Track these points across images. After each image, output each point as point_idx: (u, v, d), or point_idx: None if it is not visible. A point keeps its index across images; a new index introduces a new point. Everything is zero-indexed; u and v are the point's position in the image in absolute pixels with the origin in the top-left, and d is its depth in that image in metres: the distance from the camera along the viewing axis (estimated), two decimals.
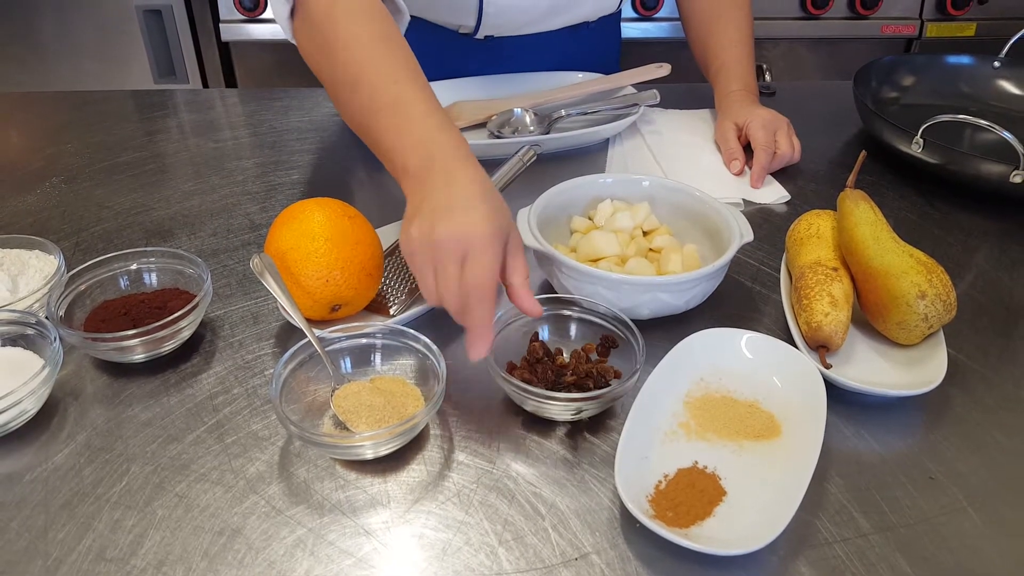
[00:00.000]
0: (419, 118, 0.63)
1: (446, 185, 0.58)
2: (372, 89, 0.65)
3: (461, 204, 0.57)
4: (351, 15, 0.69)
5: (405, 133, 0.63)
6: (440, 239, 0.55)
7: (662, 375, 0.61)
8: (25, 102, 1.15)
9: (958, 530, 0.53)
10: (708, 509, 0.52)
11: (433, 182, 0.59)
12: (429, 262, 0.57)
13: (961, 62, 1.12)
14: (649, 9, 1.82)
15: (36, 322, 0.63)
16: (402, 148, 0.62)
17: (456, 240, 0.55)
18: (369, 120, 0.65)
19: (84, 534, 0.52)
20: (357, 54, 0.67)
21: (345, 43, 0.68)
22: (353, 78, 0.67)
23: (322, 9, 0.70)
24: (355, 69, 0.67)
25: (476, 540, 0.52)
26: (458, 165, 0.60)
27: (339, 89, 0.69)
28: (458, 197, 0.57)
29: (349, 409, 0.58)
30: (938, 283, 0.63)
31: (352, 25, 0.68)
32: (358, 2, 0.70)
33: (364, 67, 0.66)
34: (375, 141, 0.66)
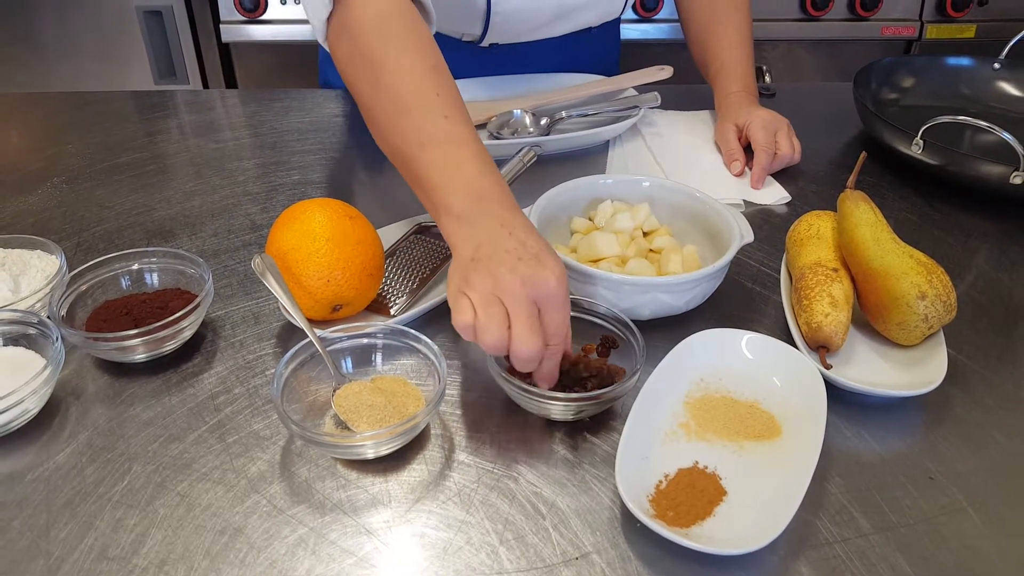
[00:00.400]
0: (469, 159, 0.62)
1: (507, 234, 0.57)
2: (419, 121, 0.63)
3: (532, 255, 0.56)
4: (402, 37, 0.67)
5: (452, 172, 0.61)
6: (519, 286, 0.55)
7: (662, 375, 0.61)
8: (26, 103, 1.15)
9: (958, 530, 0.53)
10: (708, 509, 0.53)
11: (488, 228, 0.58)
12: (502, 306, 0.55)
13: (961, 64, 1.12)
14: (649, 11, 1.82)
15: (38, 322, 0.63)
16: (447, 186, 0.61)
17: (536, 289, 0.55)
18: (413, 151, 0.63)
19: (86, 533, 0.52)
20: (407, 81, 0.65)
21: (391, 67, 0.66)
22: (399, 106, 0.65)
23: (369, 24, 0.68)
24: (403, 96, 0.65)
25: (477, 539, 0.52)
26: (511, 214, 0.59)
27: (380, 114, 0.67)
28: (525, 247, 0.57)
29: (350, 409, 0.58)
30: (938, 284, 0.64)
31: (402, 48, 0.66)
32: (408, 24, 0.68)
33: (413, 97, 0.64)
34: (416, 174, 0.64)
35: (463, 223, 0.59)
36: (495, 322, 0.55)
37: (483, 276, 0.56)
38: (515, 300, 0.55)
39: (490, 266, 0.56)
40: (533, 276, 0.55)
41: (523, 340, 0.55)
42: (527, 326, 0.55)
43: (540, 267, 0.56)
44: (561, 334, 0.57)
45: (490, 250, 0.57)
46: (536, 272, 0.55)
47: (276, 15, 1.81)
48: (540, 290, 0.55)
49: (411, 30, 0.68)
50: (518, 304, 0.55)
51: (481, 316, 0.55)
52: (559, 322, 0.56)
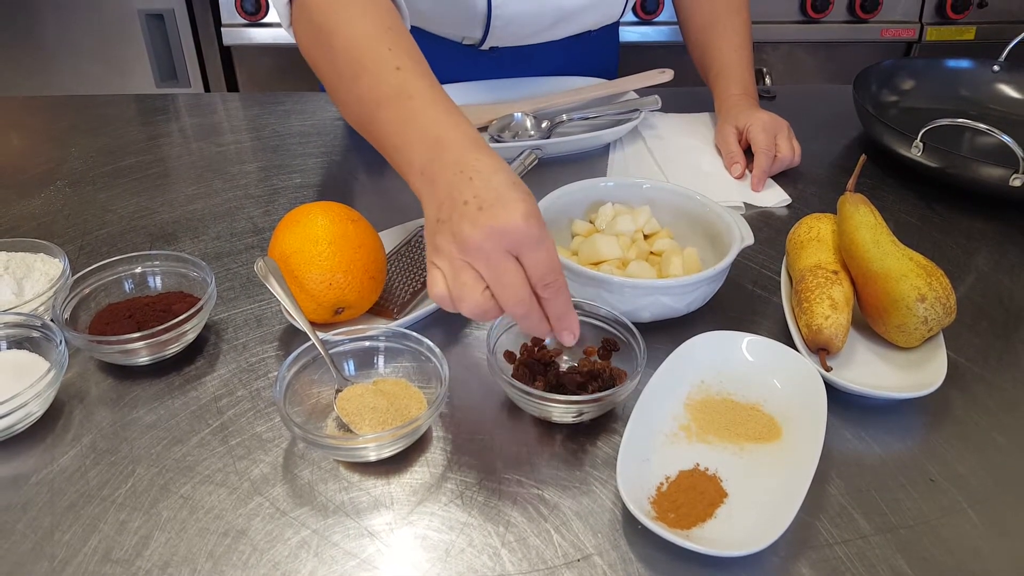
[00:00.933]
0: (422, 108, 0.58)
1: (467, 179, 0.52)
2: (373, 79, 0.60)
3: (494, 198, 0.51)
4: (351, 4, 0.65)
5: (409, 125, 0.57)
6: (483, 240, 0.50)
7: (663, 378, 0.61)
8: (29, 106, 1.15)
9: (958, 531, 0.53)
10: (709, 511, 0.53)
11: (449, 178, 0.53)
12: (472, 269, 0.51)
13: (961, 66, 1.13)
14: (649, 13, 1.82)
15: (41, 325, 0.63)
16: (407, 141, 0.57)
17: (504, 236, 0.50)
18: (370, 112, 0.60)
19: (90, 535, 0.52)
20: (356, 42, 0.62)
21: (343, 31, 0.63)
22: (353, 68, 0.62)
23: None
24: (355, 57, 0.62)
25: (479, 541, 0.52)
26: (473, 156, 0.54)
27: (338, 81, 0.64)
28: (487, 191, 0.52)
29: (352, 411, 0.59)
30: (938, 286, 0.64)
31: (352, 14, 0.64)
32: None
33: (363, 55, 0.61)
34: (378, 136, 0.61)
35: (425, 179, 0.56)
36: (468, 289, 0.51)
37: (447, 239, 0.52)
38: (484, 258, 0.51)
39: (451, 225, 0.52)
40: (498, 224, 0.50)
41: (506, 296, 0.51)
42: (506, 282, 0.51)
43: (503, 210, 0.50)
44: (548, 271, 0.52)
45: (450, 206, 0.52)
46: (500, 218, 0.50)
47: (277, 18, 1.81)
48: (510, 237, 0.50)
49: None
50: (488, 262, 0.51)
51: (452, 285, 0.52)
52: (543, 261, 0.51)
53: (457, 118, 0.58)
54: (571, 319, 0.54)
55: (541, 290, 0.52)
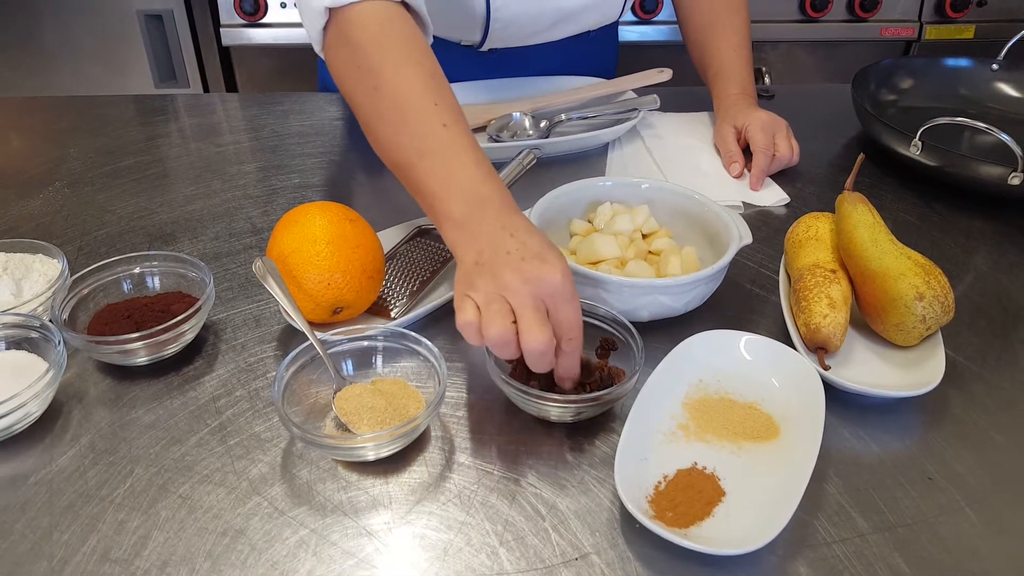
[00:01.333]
0: (468, 166, 0.62)
1: (509, 235, 0.57)
2: (418, 131, 0.64)
3: (535, 253, 0.56)
4: (399, 47, 0.67)
5: (452, 180, 0.62)
6: (522, 284, 0.55)
7: (661, 377, 0.61)
8: (28, 107, 1.16)
9: (956, 530, 0.53)
10: (707, 509, 0.53)
11: (491, 232, 0.58)
12: (506, 303, 0.55)
13: (959, 65, 1.13)
14: (648, 12, 1.82)
15: (40, 325, 0.63)
16: (447, 194, 0.61)
17: (543, 286, 0.55)
18: (412, 161, 0.64)
19: (88, 535, 0.52)
20: (405, 91, 0.65)
21: (389, 77, 0.66)
22: (397, 116, 0.65)
23: (367, 34, 0.68)
24: (401, 107, 0.65)
25: (477, 541, 0.52)
26: (513, 217, 0.59)
27: (377, 123, 0.67)
28: (528, 247, 0.57)
29: (351, 411, 0.59)
30: (936, 285, 0.64)
31: (399, 58, 0.67)
32: (405, 33, 0.68)
33: (409, 106, 0.65)
34: (416, 183, 0.64)
35: (464, 230, 0.60)
36: (499, 316, 0.54)
37: (486, 279, 0.56)
38: (520, 297, 0.55)
39: (493, 268, 0.56)
40: (537, 274, 0.55)
41: (531, 334, 0.54)
42: (533, 319, 0.54)
43: (543, 264, 0.56)
44: (574, 328, 0.56)
45: (492, 254, 0.57)
46: (540, 269, 0.55)
47: (276, 18, 1.81)
48: (545, 286, 0.55)
49: (408, 39, 0.68)
50: (523, 300, 0.55)
51: (484, 313, 0.55)
52: (570, 316, 0.56)
53: (498, 183, 0.62)
54: (576, 372, 0.59)
55: (564, 344, 0.56)
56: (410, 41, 0.68)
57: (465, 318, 0.55)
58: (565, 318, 0.56)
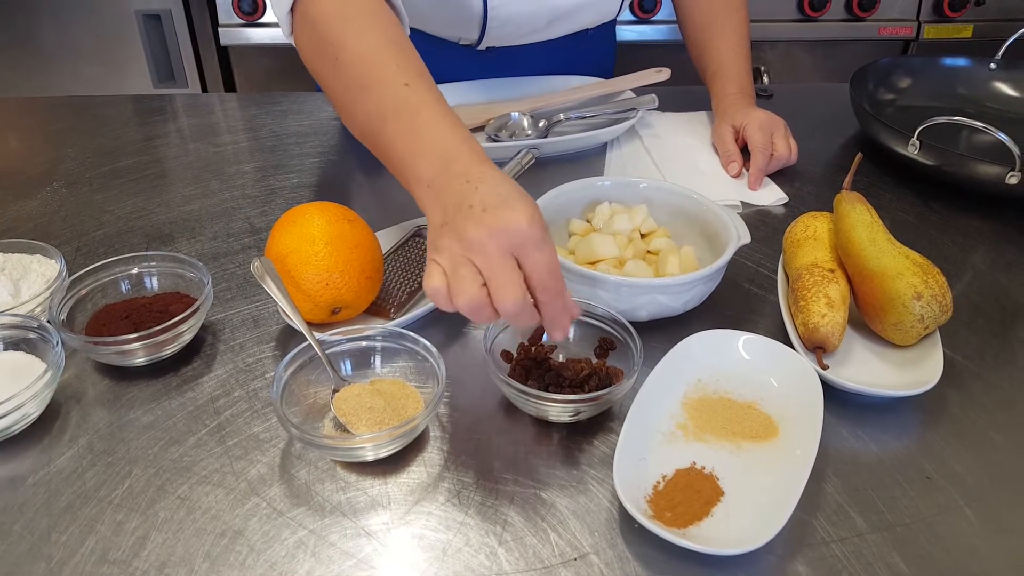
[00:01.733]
0: (433, 123, 0.59)
1: (474, 188, 0.54)
2: (380, 94, 0.62)
3: (498, 202, 0.52)
4: (357, 17, 0.66)
5: (417, 139, 0.59)
6: (486, 238, 0.51)
7: (660, 376, 0.61)
8: (26, 107, 1.15)
9: (954, 529, 0.53)
10: (706, 509, 0.53)
11: (455, 188, 0.55)
12: (472, 265, 0.52)
13: (957, 64, 1.13)
14: (647, 12, 1.82)
15: (38, 326, 0.63)
16: (414, 155, 0.59)
17: (507, 236, 0.51)
18: (377, 126, 0.62)
19: (87, 537, 0.52)
20: (364, 57, 0.64)
21: (351, 46, 0.65)
22: (359, 82, 0.63)
23: (327, 10, 0.67)
24: (361, 72, 0.63)
25: (476, 541, 0.52)
26: (480, 168, 0.56)
27: (343, 94, 0.66)
28: (492, 196, 0.53)
29: (349, 411, 0.59)
30: (934, 284, 0.64)
31: (358, 27, 0.65)
32: (368, 7, 0.67)
33: (371, 70, 0.63)
34: (384, 149, 0.62)
35: (432, 189, 0.57)
36: (466, 282, 0.51)
37: (450, 238, 0.53)
38: (485, 255, 0.51)
39: (455, 226, 0.53)
40: (501, 224, 0.51)
41: (501, 293, 0.51)
42: (503, 280, 0.51)
43: (507, 211, 0.52)
44: (547, 273, 0.52)
45: (455, 210, 0.54)
46: (503, 218, 0.51)
47: (274, 18, 1.81)
48: (511, 236, 0.51)
49: (368, 9, 0.67)
50: (488, 258, 0.51)
51: (452, 280, 0.52)
52: (542, 263, 0.52)
53: (464, 133, 0.59)
54: (564, 321, 0.55)
55: (539, 293, 0.53)
56: (370, 10, 0.67)
57: (432, 284, 0.53)
58: (537, 267, 0.52)
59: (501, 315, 0.52)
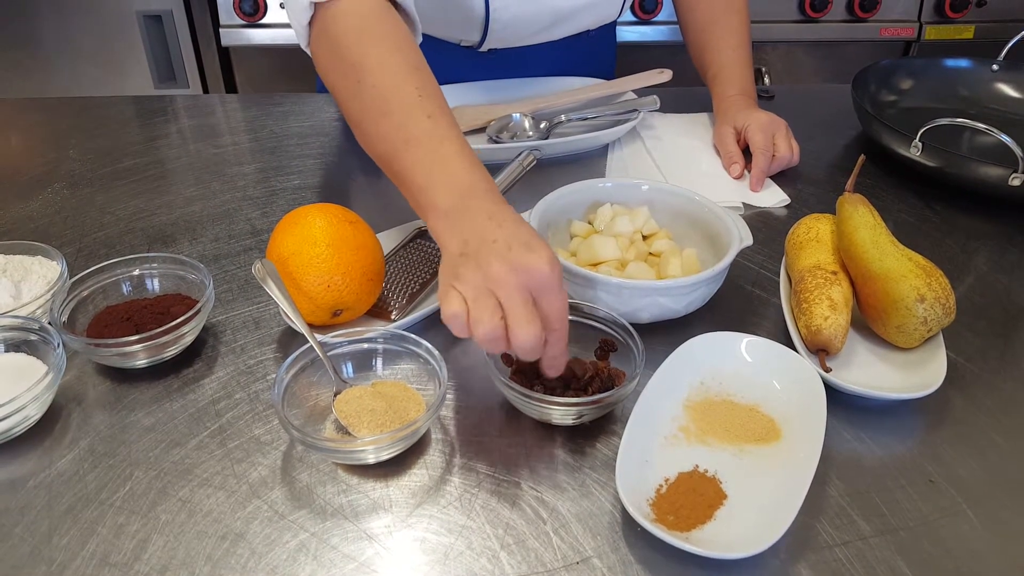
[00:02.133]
0: (453, 156, 0.61)
1: (497, 226, 0.56)
2: (402, 121, 0.64)
3: (522, 243, 0.55)
4: (382, 39, 0.67)
5: (437, 170, 0.61)
6: (509, 275, 0.54)
7: (662, 379, 0.61)
8: (27, 108, 1.15)
9: (957, 533, 0.53)
10: (709, 513, 0.53)
11: (477, 223, 0.57)
12: (494, 298, 0.54)
13: (959, 65, 1.13)
14: (648, 12, 1.82)
15: (39, 328, 0.63)
16: (432, 185, 0.61)
17: (530, 276, 0.54)
18: (396, 151, 0.64)
19: (88, 539, 0.52)
20: (387, 81, 0.65)
21: (373, 69, 0.66)
22: (380, 107, 0.65)
23: (351, 28, 0.68)
24: (383, 97, 0.65)
25: (478, 544, 0.52)
26: (497, 207, 0.58)
27: (362, 114, 0.67)
28: (516, 236, 0.56)
29: (351, 414, 0.58)
30: (937, 287, 0.64)
31: (382, 50, 0.67)
32: (388, 26, 0.68)
33: (393, 96, 0.65)
34: (401, 173, 0.64)
35: (450, 219, 0.59)
36: (487, 312, 0.53)
37: (472, 269, 0.55)
38: (507, 289, 0.54)
39: (479, 258, 0.55)
40: (524, 263, 0.54)
41: (520, 327, 0.53)
42: (522, 313, 0.53)
43: (530, 253, 0.54)
44: (560, 318, 0.56)
45: (478, 243, 0.56)
46: (526, 259, 0.54)
47: (276, 19, 1.81)
48: (533, 277, 0.54)
49: (391, 32, 0.68)
50: (510, 292, 0.54)
51: (472, 308, 0.54)
52: (557, 306, 0.55)
53: (484, 173, 0.62)
54: (562, 362, 0.58)
55: (549, 334, 0.56)
56: (393, 34, 0.68)
57: (452, 310, 0.54)
58: (552, 308, 0.55)
59: (514, 348, 0.54)
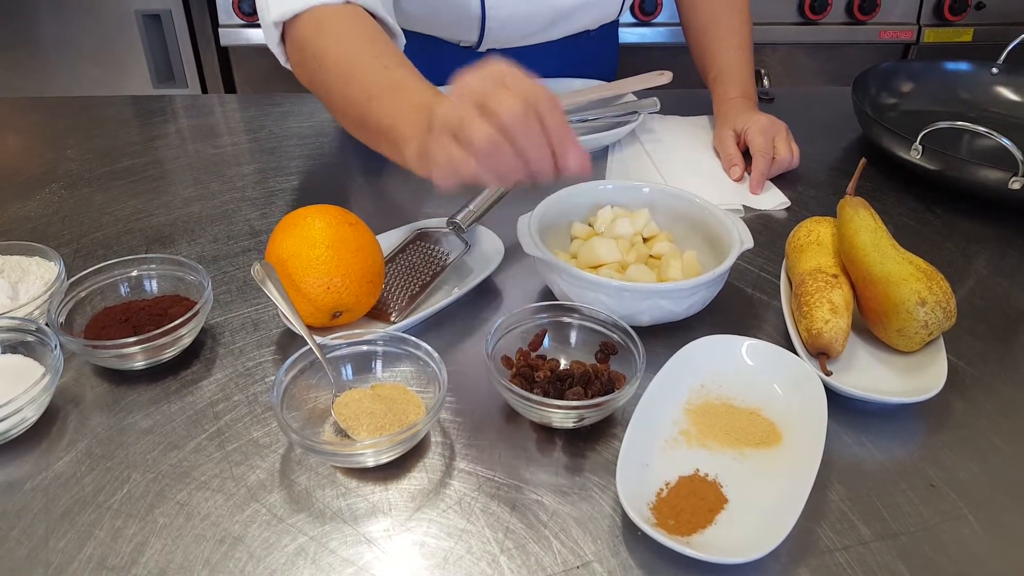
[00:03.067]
0: (414, 88, 0.64)
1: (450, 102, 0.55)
2: (364, 78, 0.67)
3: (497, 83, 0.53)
4: (337, 24, 0.72)
5: (402, 103, 0.63)
6: (472, 81, 0.53)
7: (663, 382, 0.61)
8: (25, 107, 1.15)
9: (958, 537, 0.53)
10: (709, 517, 0.53)
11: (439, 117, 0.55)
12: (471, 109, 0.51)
13: (959, 68, 1.13)
14: (648, 14, 1.82)
15: (36, 329, 0.63)
16: (399, 117, 0.62)
17: (490, 76, 0.52)
18: (366, 108, 0.66)
19: (85, 542, 0.51)
20: (346, 51, 0.69)
21: (331, 50, 0.70)
22: (345, 73, 0.68)
23: (311, 27, 0.73)
24: (346, 64, 0.69)
25: (478, 548, 0.52)
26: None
27: (330, 94, 0.71)
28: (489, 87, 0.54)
29: (350, 416, 0.58)
30: (938, 290, 0.64)
31: (338, 34, 0.71)
32: (347, 18, 0.72)
33: (352, 62, 0.69)
34: (371, 126, 0.65)
35: (417, 141, 0.59)
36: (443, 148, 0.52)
37: (439, 134, 0.54)
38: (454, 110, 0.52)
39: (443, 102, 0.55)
40: (480, 74, 0.53)
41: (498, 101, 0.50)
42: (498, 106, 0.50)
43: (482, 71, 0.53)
44: (535, 87, 0.52)
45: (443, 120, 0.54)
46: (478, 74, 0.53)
47: None
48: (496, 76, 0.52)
49: (349, 21, 0.72)
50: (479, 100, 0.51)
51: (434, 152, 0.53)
52: (526, 81, 0.52)
53: (444, 95, 0.60)
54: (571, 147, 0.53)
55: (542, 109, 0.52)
56: (347, 20, 0.71)
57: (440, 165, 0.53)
58: (524, 86, 0.52)
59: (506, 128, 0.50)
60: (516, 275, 0.77)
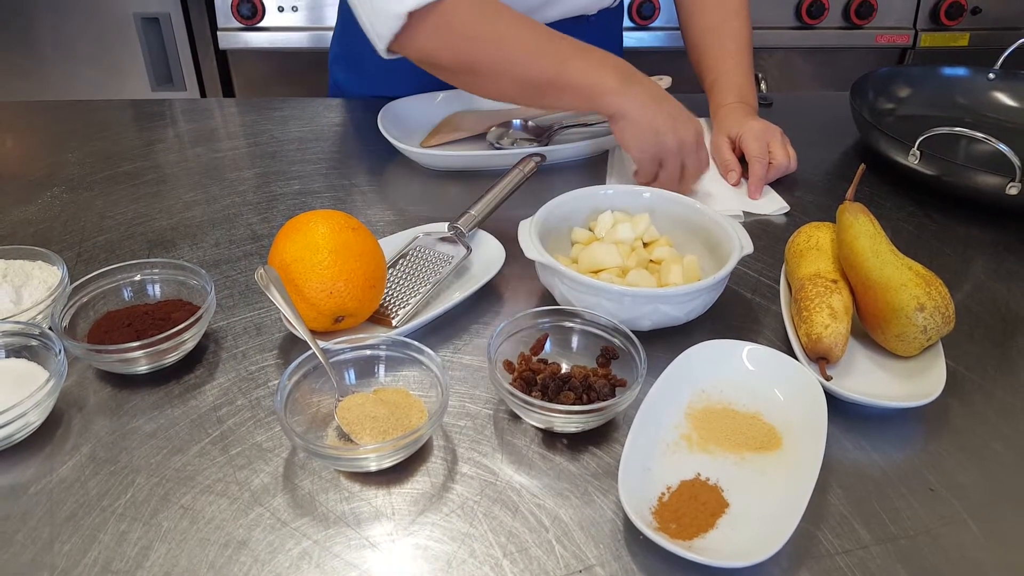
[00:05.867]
0: (602, 55, 0.84)
1: (663, 99, 0.85)
2: (555, 51, 0.82)
3: (685, 116, 0.86)
4: (500, 14, 0.83)
5: (599, 65, 0.83)
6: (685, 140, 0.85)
7: (664, 387, 0.61)
8: (25, 111, 1.15)
9: (958, 541, 0.53)
10: (711, 521, 0.53)
11: (645, 92, 0.84)
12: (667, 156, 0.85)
13: (957, 73, 1.13)
14: (645, 18, 1.83)
15: (40, 333, 0.63)
16: (602, 75, 0.82)
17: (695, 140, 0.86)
18: (557, 72, 0.82)
19: (89, 546, 0.52)
20: (528, 35, 0.83)
21: (511, 32, 0.83)
22: (531, 51, 0.82)
23: (470, 11, 0.81)
24: (531, 44, 0.82)
25: (480, 552, 0.52)
26: (652, 84, 0.86)
27: (511, 65, 0.83)
28: (677, 108, 0.85)
29: (353, 420, 0.58)
30: (937, 296, 0.64)
31: (508, 20, 0.83)
32: (496, 5, 0.83)
33: (538, 39, 0.83)
34: (564, 87, 0.83)
35: (621, 95, 0.83)
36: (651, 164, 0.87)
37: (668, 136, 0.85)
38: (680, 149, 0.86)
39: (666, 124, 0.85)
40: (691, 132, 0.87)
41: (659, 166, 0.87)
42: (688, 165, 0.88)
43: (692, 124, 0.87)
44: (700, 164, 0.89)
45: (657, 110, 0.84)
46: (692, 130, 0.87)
47: (273, 22, 1.81)
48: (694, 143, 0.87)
49: (505, 7, 0.83)
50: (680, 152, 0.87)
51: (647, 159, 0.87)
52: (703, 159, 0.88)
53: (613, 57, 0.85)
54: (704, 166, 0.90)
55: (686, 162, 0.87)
56: (507, 8, 0.83)
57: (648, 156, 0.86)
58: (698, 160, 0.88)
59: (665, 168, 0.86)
60: (517, 280, 0.78)
